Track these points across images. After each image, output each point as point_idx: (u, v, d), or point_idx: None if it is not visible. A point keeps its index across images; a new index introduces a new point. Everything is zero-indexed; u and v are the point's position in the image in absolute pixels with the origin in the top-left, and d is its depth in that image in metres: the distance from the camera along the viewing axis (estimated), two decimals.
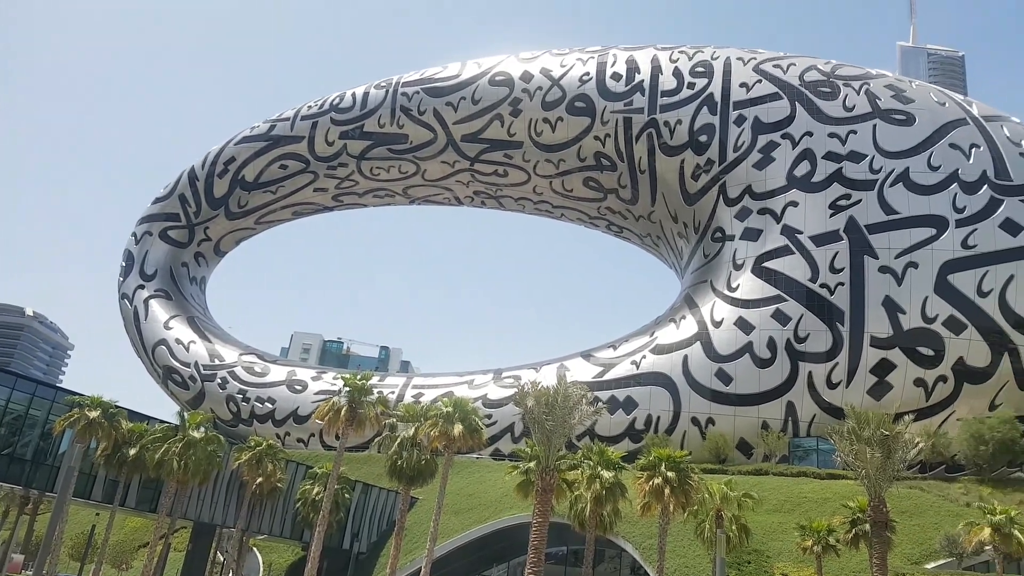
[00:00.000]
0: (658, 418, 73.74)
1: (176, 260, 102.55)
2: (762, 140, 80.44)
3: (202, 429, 46.65)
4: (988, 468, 61.83)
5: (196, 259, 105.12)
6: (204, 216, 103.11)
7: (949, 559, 47.72)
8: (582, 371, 76.60)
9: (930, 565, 47.83)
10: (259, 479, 52.97)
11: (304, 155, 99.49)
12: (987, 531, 35.92)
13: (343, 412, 38.75)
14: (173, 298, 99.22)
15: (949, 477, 62.95)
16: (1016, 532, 35.51)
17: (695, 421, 73.03)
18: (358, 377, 41.04)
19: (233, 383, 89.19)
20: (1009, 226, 70.27)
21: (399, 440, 38.56)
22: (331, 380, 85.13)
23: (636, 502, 37.56)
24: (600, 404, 53.95)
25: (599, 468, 37.16)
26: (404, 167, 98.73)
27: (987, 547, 36.76)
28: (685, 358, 75.08)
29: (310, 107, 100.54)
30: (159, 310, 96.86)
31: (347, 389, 39.75)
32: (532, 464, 33.52)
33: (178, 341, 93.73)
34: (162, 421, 52.34)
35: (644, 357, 77.05)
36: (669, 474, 35.85)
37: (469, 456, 68.25)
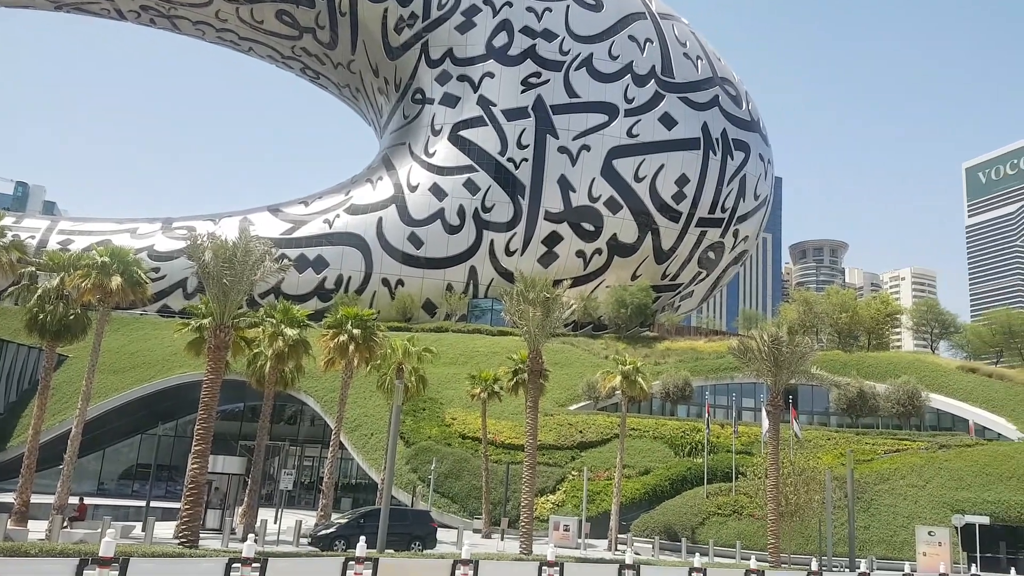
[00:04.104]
0: (349, 278, 73.71)
1: None
2: (465, 2, 79.87)
3: None
4: (625, 327, 73.08)
5: None
6: None
7: (588, 401, 56.16)
8: (269, 226, 72.84)
9: (572, 407, 55.82)
10: None
11: None
12: (618, 378, 42.26)
13: None
14: None
15: (595, 334, 73.15)
16: (639, 379, 42.36)
17: (385, 282, 74.48)
18: None
19: None
20: (666, 120, 79.99)
21: (40, 291, 32.94)
22: None
23: (320, 358, 37.46)
24: (287, 262, 51.96)
25: (283, 326, 36.02)
26: None
27: (617, 391, 43.42)
28: (380, 220, 75.16)
29: None
30: None
31: None
32: (206, 321, 31.23)
33: None
34: None
35: (338, 216, 75.49)
36: (355, 331, 36.06)
37: (132, 312, 62.06)
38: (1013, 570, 30.36)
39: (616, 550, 37.01)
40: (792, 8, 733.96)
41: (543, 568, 19.75)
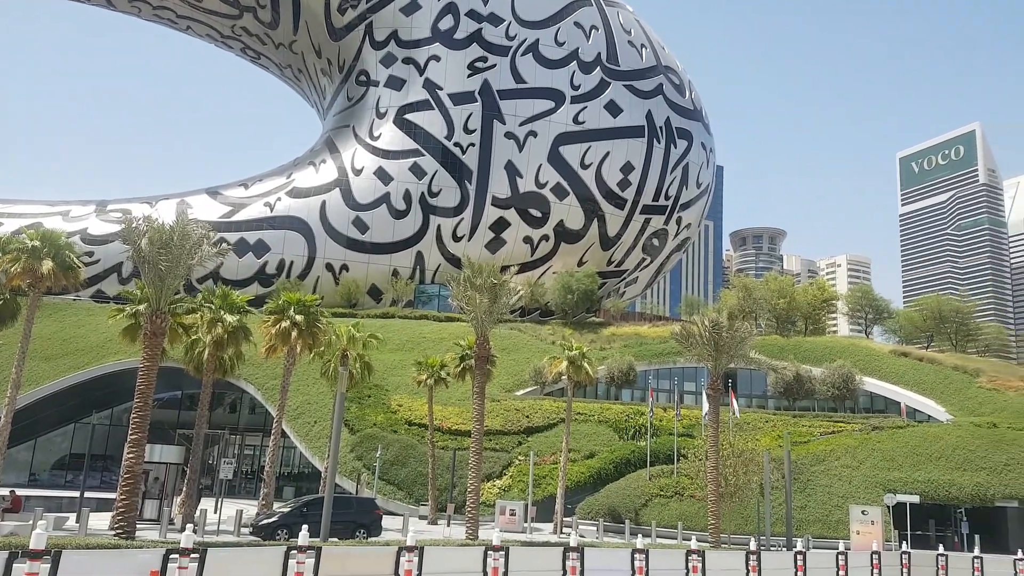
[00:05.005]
0: (291, 263, 72.36)
1: None
2: None
3: None
4: (572, 313, 73.62)
5: None
6: None
7: (535, 387, 56.46)
8: (207, 209, 70.91)
9: (520, 392, 56.05)
10: None
11: None
12: (564, 364, 42.58)
13: None
14: None
15: (542, 320, 73.53)
16: (585, 364, 42.75)
17: (329, 267, 73.34)
18: None
19: None
20: (612, 107, 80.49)
21: None
22: None
23: (261, 345, 36.68)
24: (225, 246, 50.73)
25: (222, 312, 35.14)
26: None
27: (563, 376, 43.73)
28: (323, 204, 73.89)
29: None
30: None
31: None
32: (142, 307, 30.23)
33: None
34: None
35: (279, 199, 73.93)
36: (298, 317, 35.40)
37: (64, 297, 59.72)
38: (941, 547, 31.74)
39: (561, 533, 37.39)
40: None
41: (489, 553, 19.79)
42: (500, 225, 76.75)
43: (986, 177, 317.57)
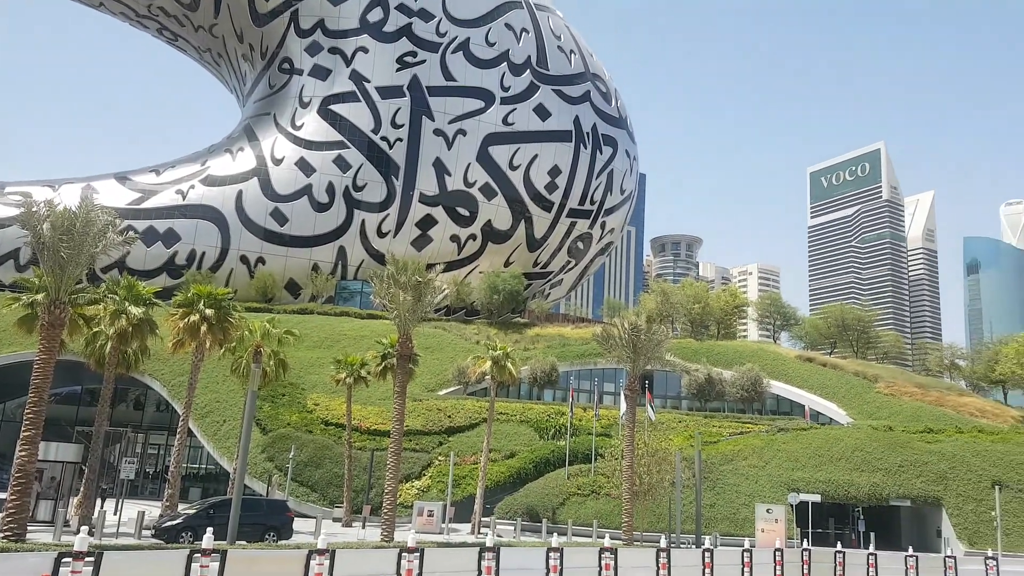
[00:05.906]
0: (203, 254, 69.69)
1: None
2: None
3: None
4: (497, 313, 73.64)
5: None
6: None
7: (458, 386, 56.15)
8: (115, 195, 67.61)
9: (442, 392, 55.63)
10: None
11: None
12: (488, 363, 42.51)
13: None
14: None
15: (467, 319, 73.25)
16: (509, 364, 42.79)
17: (244, 259, 71.00)
18: None
19: None
20: (540, 111, 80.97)
21: None
22: None
23: (168, 339, 35.13)
24: (133, 234, 48.45)
25: (126, 303, 33.49)
26: None
27: (487, 376, 43.64)
28: (240, 193, 71.49)
29: None
30: None
31: None
32: (39, 296, 28.49)
33: None
34: None
35: (193, 187, 71.11)
36: (208, 311, 34.05)
37: None
38: (839, 544, 33.21)
39: (479, 533, 37.30)
40: (650, 15, 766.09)
41: (403, 554, 19.46)
42: (427, 222, 76.07)
43: (889, 194, 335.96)
